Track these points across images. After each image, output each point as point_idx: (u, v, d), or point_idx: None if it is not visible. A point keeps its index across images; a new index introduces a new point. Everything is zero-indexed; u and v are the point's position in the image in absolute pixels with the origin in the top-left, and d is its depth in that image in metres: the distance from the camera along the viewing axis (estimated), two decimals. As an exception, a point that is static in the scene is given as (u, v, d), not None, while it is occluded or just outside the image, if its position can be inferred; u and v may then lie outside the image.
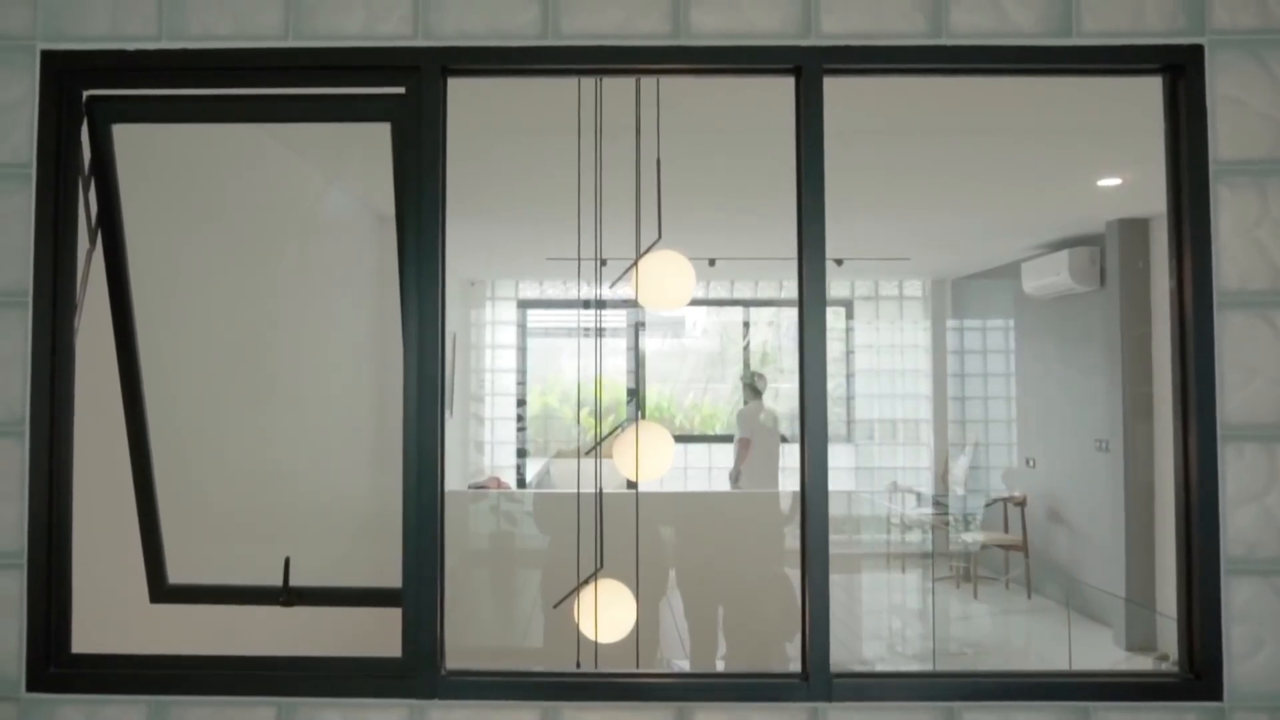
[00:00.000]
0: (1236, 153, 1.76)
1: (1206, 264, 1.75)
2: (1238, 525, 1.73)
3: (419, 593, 1.77)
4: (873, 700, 1.73)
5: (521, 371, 8.27)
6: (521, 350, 8.27)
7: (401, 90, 1.80)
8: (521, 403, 8.22)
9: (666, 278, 2.64)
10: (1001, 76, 1.84)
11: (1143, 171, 4.58)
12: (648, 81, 2.46)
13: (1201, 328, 1.75)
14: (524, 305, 8.26)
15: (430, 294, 1.78)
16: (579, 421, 8.09)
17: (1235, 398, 1.74)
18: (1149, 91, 1.87)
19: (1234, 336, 1.75)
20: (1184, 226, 1.78)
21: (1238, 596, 1.73)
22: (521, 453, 8.19)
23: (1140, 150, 4.22)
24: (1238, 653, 1.72)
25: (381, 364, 5.18)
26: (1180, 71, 1.78)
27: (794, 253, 1.81)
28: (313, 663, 1.79)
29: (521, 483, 7.90)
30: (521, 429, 8.21)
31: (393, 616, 2.32)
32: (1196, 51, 1.77)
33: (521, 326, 8.25)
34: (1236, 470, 1.74)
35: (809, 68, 1.79)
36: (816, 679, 1.74)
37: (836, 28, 1.79)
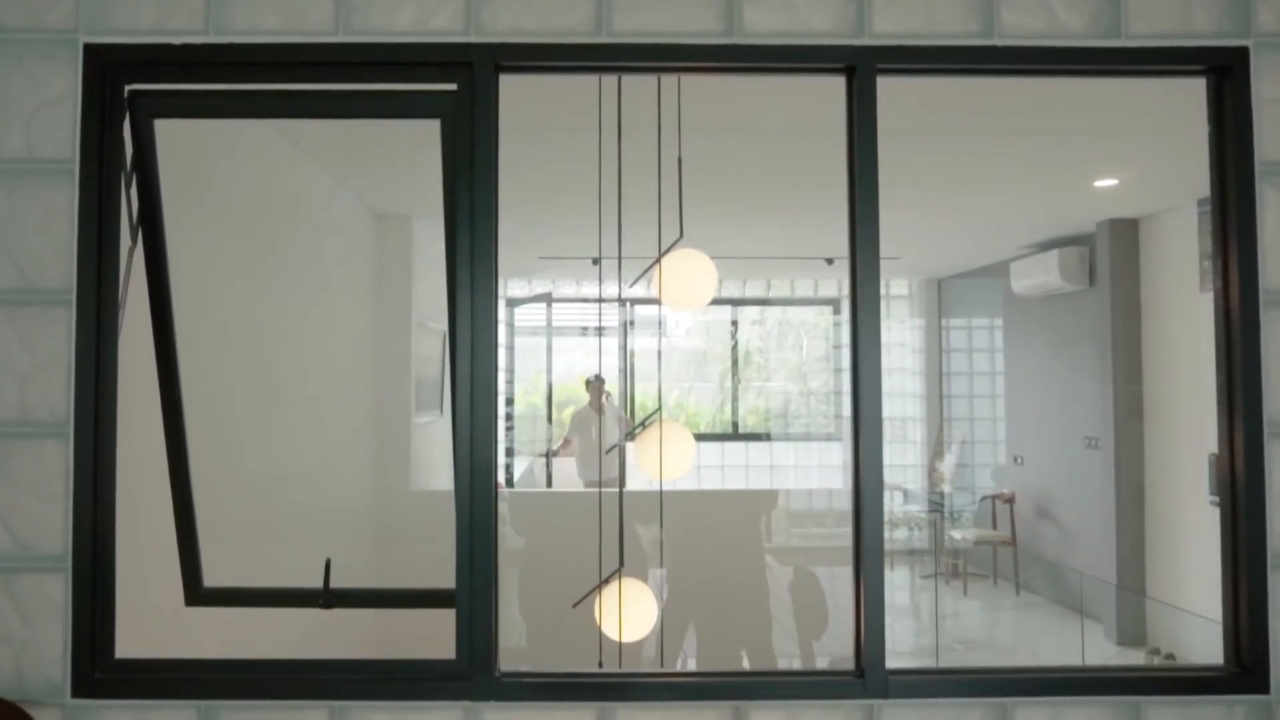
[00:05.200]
0: (1282, 154, 1.79)
1: (1253, 264, 1.78)
2: (1284, 521, 1.76)
3: (473, 595, 1.75)
4: (929, 697, 1.74)
5: (510, 370, 8.23)
6: (510, 349, 8.22)
7: (453, 87, 1.78)
8: (510, 401, 8.18)
9: (692, 276, 2.63)
10: (1050, 77, 1.85)
11: (1135, 173, 4.63)
12: (659, 79, 2.42)
13: (1248, 326, 1.77)
14: (513, 304, 8.21)
15: (484, 294, 1.76)
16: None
17: (1281, 395, 1.77)
18: (1146, 94, 1.88)
19: (1280, 335, 1.77)
20: (1229, 226, 1.80)
21: (1284, 591, 1.76)
22: (510, 451, 8.15)
23: (1133, 152, 4.27)
24: (1284, 646, 1.75)
25: (379, 364, 5.15)
26: (1226, 73, 1.81)
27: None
28: (364, 665, 1.76)
29: (510, 481, 7.86)
30: (510, 428, 8.17)
31: (395, 617, 2.29)
32: (1242, 54, 1.80)
33: (510, 325, 8.20)
34: (1283, 467, 1.76)
35: (862, 67, 1.79)
36: (872, 676, 1.74)
37: (889, 27, 1.80)
